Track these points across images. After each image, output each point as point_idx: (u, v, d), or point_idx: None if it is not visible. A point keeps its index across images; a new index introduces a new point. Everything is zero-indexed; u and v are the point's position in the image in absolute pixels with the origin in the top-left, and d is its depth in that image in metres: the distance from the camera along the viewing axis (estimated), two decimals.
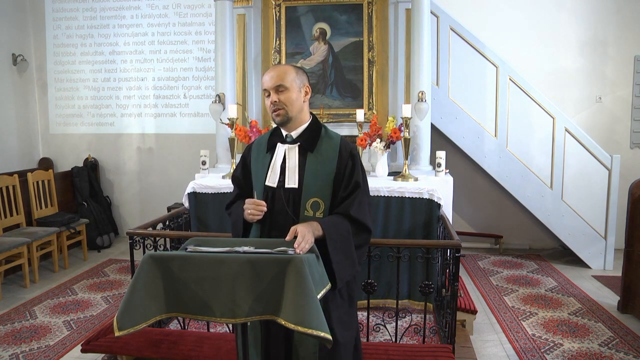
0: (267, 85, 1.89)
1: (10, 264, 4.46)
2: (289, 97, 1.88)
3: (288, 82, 1.87)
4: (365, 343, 2.95)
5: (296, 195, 1.89)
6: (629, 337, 3.53)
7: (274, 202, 1.91)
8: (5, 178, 4.92)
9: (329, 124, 4.74)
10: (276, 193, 1.91)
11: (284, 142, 1.96)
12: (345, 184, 1.90)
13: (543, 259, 5.43)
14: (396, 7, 4.72)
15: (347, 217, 1.87)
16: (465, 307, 3.49)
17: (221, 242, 1.80)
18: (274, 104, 1.88)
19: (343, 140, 1.98)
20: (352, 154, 1.95)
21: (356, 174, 1.92)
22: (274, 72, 1.90)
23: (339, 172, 1.91)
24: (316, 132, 1.96)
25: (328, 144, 1.94)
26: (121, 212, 6.46)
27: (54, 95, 6.45)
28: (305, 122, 1.97)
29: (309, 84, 1.97)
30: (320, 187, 1.89)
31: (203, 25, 6.11)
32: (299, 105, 1.91)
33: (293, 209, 1.88)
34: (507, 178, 5.21)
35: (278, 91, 1.88)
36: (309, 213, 1.88)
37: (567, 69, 5.68)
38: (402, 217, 3.78)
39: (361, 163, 1.99)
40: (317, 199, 1.88)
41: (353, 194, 1.90)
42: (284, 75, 1.88)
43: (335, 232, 1.82)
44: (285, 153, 1.94)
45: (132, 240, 3.22)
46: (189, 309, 1.64)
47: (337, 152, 1.93)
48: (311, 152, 1.92)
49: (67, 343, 3.47)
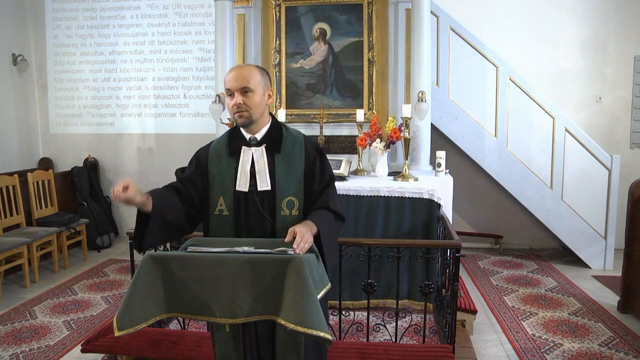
0: (231, 85, 1.86)
1: (10, 264, 4.46)
2: (254, 100, 1.86)
3: (253, 85, 1.85)
4: (365, 343, 2.96)
5: (270, 197, 1.89)
6: (629, 337, 3.53)
7: (247, 206, 1.89)
8: (5, 178, 4.92)
9: (329, 123, 4.75)
10: (249, 197, 1.89)
11: (249, 144, 1.93)
12: (318, 179, 1.94)
13: (543, 259, 5.43)
14: (396, 7, 4.72)
15: (327, 209, 1.91)
16: (465, 307, 3.49)
17: (221, 242, 1.80)
18: (238, 106, 1.85)
19: (306, 137, 2.00)
20: (318, 149, 1.98)
21: (327, 168, 1.98)
22: (238, 72, 1.87)
23: (308, 169, 1.93)
24: (278, 132, 1.97)
25: (292, 142, 1.95)
26: (121, 212, 6.45)
27: (54, 95, 6.45)
28: (267, 123, 1.96)
29: (271, 86, 1.97)
30: (293, 186, 1.90)
31: (203, 25, 6.11)
32: (262, 108, 1.90)
33: (268, 211, 1.89)
34: (507, 178, 5.21)
35: (242, 93, 1.85)
36: (285, 212, 1.88)
37: (567, 69, 5.68)
38: (402, 217, 3.78)
39: (325, 154, 2.03)
40: (292, 198, 1.89)
41: (327, 188, 1.95)
42: (250, 77, 1.85)
43: (327, 228, 1.85)
44: (253, 156, 1.92)
45: (132, 240, 3.21)
46: (189, 309, 1.64)
47: (303, 149, 1.94)
48: (278, 152, 1.92)
49: (67, 343, 3.47)
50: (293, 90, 4.86)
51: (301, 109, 4.85)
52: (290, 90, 4.86)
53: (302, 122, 4.81)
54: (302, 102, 4.86)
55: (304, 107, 4.85)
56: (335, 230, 1.93)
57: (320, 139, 4.57)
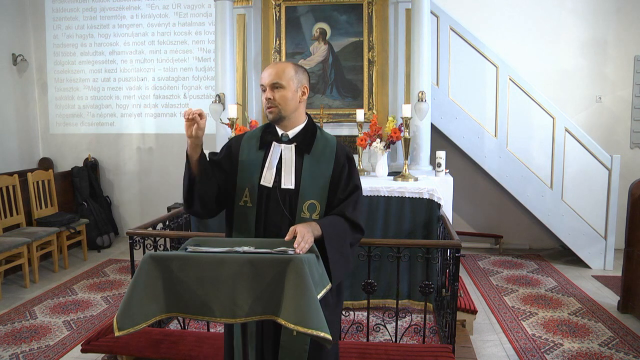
0: (264, 81, 1.88)
1: (10, 264, 4.46)
2: (284, 96, 1.86)
3: (285, 81, 1.86)
4: (365, 343, 2.96)
5: (292, 196, 1.88)
6: (629, 337, 3.53)
7: (268, 202, 1.89)
8: (5, 178, 4.92)
9: (329, 123, 4.75)
10: (271, 193, 1.89)
11: (280, 141, 1.93)
12: (343, 187, 1.91)
13: (543, 259, 5.43)
14: (396, 7, 4.72)
15: (342, 217, 1.88)
16: (465, 307, 3.49)
17: (221, 242, 1.80)
18: (268, 100, 1.87)
19: (339, 142, 1.99)
20: (349, 157, 1.96)
21: (355, 177, 1.94)
22: (273, 68, 1.89)
23: (335, 175, 1.90)
24: (312, 133, 1.95)
25: (324, 146, 1.94)
26: (121, 212, 6.46)
27: (54, 95, 6.45)
28: (301, 123, 1.95)
29: (308, 84, 1.95)
30: (317, 189, 1.88)
31: (203, 25, 6.11)
32: (294, 104, 1.90)
33: (289, 210, 1.87)
34: (507, 178, 5.21)
35: (273, 88, 1.86)
36: (305, 215, 1.87)
37: (567, 69, 5.68)
38: (402, 217, 3.78)
39: (355, 163, 2.00)
40: (314, 201, 1.88)
41: (351, 196, 1.91)
42: (282, 73, 1.86)
43: (333, 232, 1.82)
44: (282, 152, 1.92)
45: (132, 240, 3.21)
46: (189, 309, 1.64)
47: (334, 155, 1.92)
48: (308, 153, 1.91)
49: (67, 343, 3.47)
50: None
51: None
52: None
53: None
54: None
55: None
56: (344, 238, 1.86)
57: None
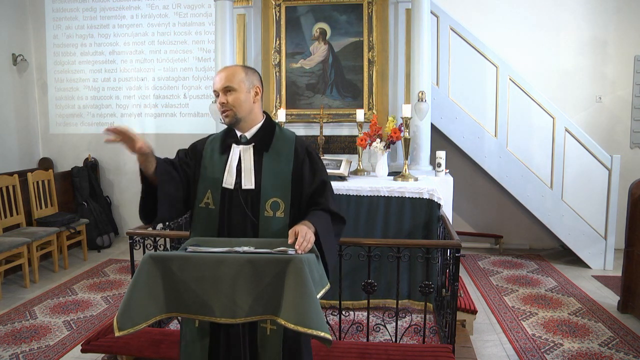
0: (216, 86, 1.91)
1: (10, 264, 4.46)
2: (237, 98, 1.88)
3: (236, 84, 1.88)
4: (365, 343, 2.96)
5: (254, 196, 1.89)
6: (629, 337, 3.53)
7: (231, 204, 1.89)
8: (5, 178, 4.92)
9: (329, 124, 4.75)
10: (233, 195, 1.90)
11: (239, 142, 1.96)
12: (308, 181, 1.92)
13: (543, 259, 5.43)
14: (396, 7, 4.72)
15: (327, 211, 1.90)
16: (465, 307, 3.49)
17: (221, 242, 1.81)
18: (222, 105, 1.89)
19: (298, 138, 2.00)
20: (308, 150, 1.97)
21: (319, 171, 1.95)
22: (223, 72, 1.91)
23: (297, 170, 1.91)
24: (270, 131, 1.97)
25: (283, 142, 1.95)
26: (121, 212, 6.46)
27: (54, 95, 6.45)
28: (259, 122, 1.97)
29: (260, 84, 1.97)
30: (279, 187, 1.89)
31: (203, 25, 6.11)
32: (248, 106, 1.91)
33: (252, 210, 1.88)
34: (507, 178, 5.21)
35: (226, 92, 1.88)
36: (268, 213, 1.87)
37: (567, 69, 5.68)
38: (402, 217, 3.78)
39: (319, 156, 2.01)
40: (277, 199, 1.88)
41: (324, 190, 1.92)
42: (232, 76, 1.88)
43: (325, 229, 1.84)
44: (240, 154, 1.93)
45: (132, 240, 3.21)
46: (189, 309, 1.64)
47: (293, 151, 1.93)
48: (266, 151, 1.93)
49: (67, 343, 3.47)
50: (293, 90, 4.86)
51: (301, 108, 4.85)
52: (290, 90, 4.86)
53: (302, 122, 4.81)
54: (302, 102, 4.86)
55: (304, 107, 4.85)
56: (332, 232, 1.90)
57: (320, 139, 4.57)
